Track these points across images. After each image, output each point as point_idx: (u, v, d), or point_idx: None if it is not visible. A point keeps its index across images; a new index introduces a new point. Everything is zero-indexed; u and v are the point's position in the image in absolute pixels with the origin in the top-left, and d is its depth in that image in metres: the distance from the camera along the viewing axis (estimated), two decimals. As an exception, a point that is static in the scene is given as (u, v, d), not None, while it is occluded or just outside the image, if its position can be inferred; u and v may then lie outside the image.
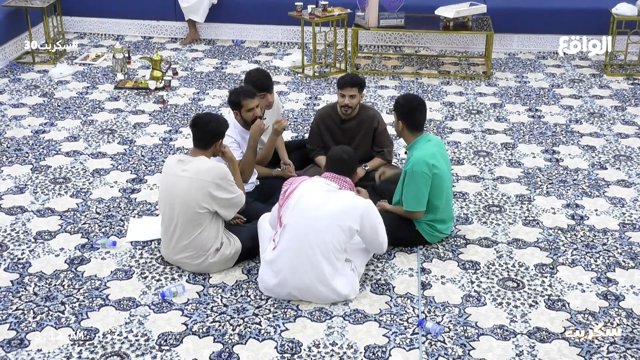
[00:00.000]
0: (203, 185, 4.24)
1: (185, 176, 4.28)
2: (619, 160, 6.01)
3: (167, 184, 4.38)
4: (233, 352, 3.79)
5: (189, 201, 4.26)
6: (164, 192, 4.40)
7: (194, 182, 4.25)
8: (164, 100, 7.14)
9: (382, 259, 4.60)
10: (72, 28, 9.31)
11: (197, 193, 4.25)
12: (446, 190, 4.62)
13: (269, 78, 5.18)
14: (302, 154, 5.59)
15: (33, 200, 5.27)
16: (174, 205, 4.31)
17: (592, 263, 4.59)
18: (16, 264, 4.51)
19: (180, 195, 4.28)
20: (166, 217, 4.40)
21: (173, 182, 4.32)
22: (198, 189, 4.24)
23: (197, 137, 4.37)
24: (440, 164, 4.56)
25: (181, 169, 4.31)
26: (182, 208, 4.29)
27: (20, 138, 6.30)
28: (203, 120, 4.36)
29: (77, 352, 3.77)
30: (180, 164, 4.33)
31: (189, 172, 4.28)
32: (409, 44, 8.94)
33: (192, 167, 4.29)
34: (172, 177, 4.34)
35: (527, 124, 6.73)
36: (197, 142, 4.38)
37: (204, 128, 4.34)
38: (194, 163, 4.31)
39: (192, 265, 4.40)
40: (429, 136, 4.68)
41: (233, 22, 9.08)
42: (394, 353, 3.80)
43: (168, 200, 4.35)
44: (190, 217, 4.29)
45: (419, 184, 4.49)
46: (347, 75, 5.29)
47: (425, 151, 4.53)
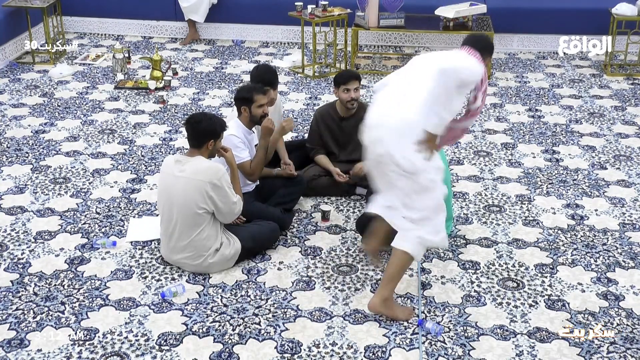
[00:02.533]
0: (200, 185, 4.24)
1: (182, 176, 4.28)
2: (619, 160, 6.01)
3: (165, 184, 4.38)
4: (233, 352, 3.79)
5: (187, 201, 4.26)
6: (163, 192, 4.40)
7: (191, 182, 4.25)
8: (164, 100, 7.14)
9: (382, 259, 4.59)
10: (72, 28, 9.31)
11: (194, 193, 4.24)
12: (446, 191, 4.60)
13: (275, 74, 5.23)
14: (302, 154, 5.59)
15: (33, 200, 5.27)
16: (173, 205, 4.31)
17: (592, 263, 4.59)
18: (16, 264, 4.51)
19: (178, 196, 4.28)
20: (165, 218, 4.40)
21: (171, 183, 4.32)
22: (195, 189, 4.24)
23: (190, 136, 4.38)
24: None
25: (178, 169, 4.31)
26: (180, 208, 4.28)
27: (20, 138, 6.30)
28: (194, 119, 4.36)
29: (77, 352, 3.77)
30: (178, 164, 4.33)
31: (186, 172, 4.28)
32: (409, 44, 8.94)
33: (189, 167, 4.29)
34: (170, 177, 4.34)
35: (527, 124, 6.73)
36: (190, 141, 4.39)
37: (195, 127, 4.33)
38: (191, 163, 4.30)
39: (192, 265, 4.40)
40: None
41: (233, 22, 9.08)
42: (394, 353, 3.80)
43: (166, 200, 4.35)
44: (189, 218, 4.28)
45: None
46: (346, 71, 5.37)
47: None
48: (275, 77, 5.20)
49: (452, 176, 5.65)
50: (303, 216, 5.12)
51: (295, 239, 4.84)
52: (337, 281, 4.39)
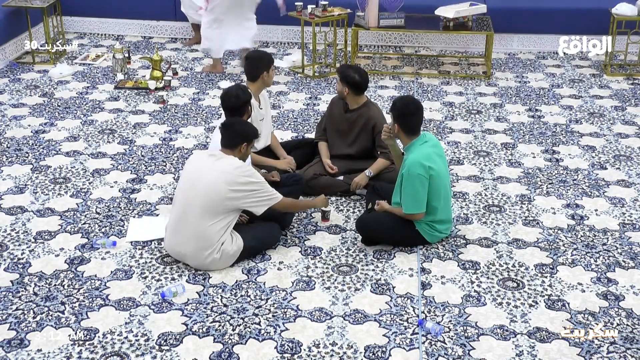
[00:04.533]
0: (231, 179, 4.32)
1: (214, 169, 4.37)
2: (619, 160, 6.01)
3: (192, 172, 4.47)
4: (233, 352, 3.79)
5: (213, 190, 4.32)
6: (187, 179, 4.47)
7: (222, 176, 4.33)
8: (164, 100, 7.14)
9: (382, 259, 4.60)
10: (72, 28, 9.31)
11: (223, 185, 4.32)
12: (444, 190, 4.62)
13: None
14: (302, 153, 5.65)
15: (33, 200, 5.27)
16: (196, 192, 4.36)
17: (592, 263, 4.59)
18: (16, 264, 4.51)
19: (206, 184, 4.34)
20: (181, 204, 4.43)
21: (200, 172, 4.41)
22: (226, 181, 4.32)
23: (224, 137, 4.50)
24: (437, 164, 4.55)
25: (212, 161, 4.43)
26: (202, 196, 4.34)
27: (20, 138, 6.30)
28: (229, 122, 4.57)
29: (77, 352, 3.77)
30: (212, 158, 4.45)
31: (220, 165, 4.38)
32: (409, 44, 8.94)
33: (224, 161, 4.41)
34: (201, 168, 4.44)
35: (527, 124, 6.73)
36: (223, 141, 4.51)
37: (230, 129, 4.50)
38: (226, 159, 4.42)
39: (195, 259, 4.40)
40: (426, 136, 4.67)
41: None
42: (394, 353, 3.80)
43: (190, 187, 4.41)
44: (207, 207, 4.33)
45: (416, 186, 4.50)
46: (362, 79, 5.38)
47: (421, 153, 4.54)
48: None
49: (452, 176, 5.65)
50: (303, 216, 5.12)
51: (295, 239, 4.85)
52: (337, 281, 4.39)
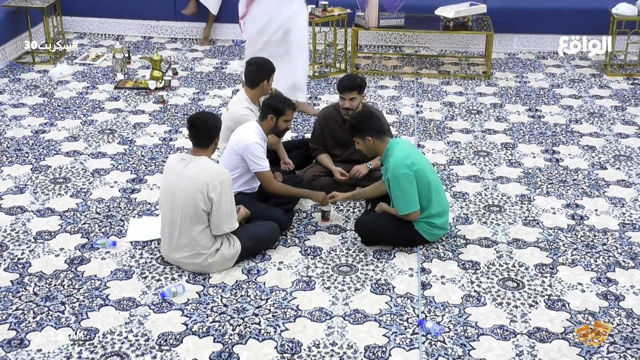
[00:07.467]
0: (201, 184, 4.25)
1: (186, 174, 4.29)
2: (619, 160, 6.01)
3: (168, 182, 4.39)
4: (233, 352, 3.79)
5: (189, 200, 4.26)
6: (165, 190, 4.40)
7: (194, 181, 4.26)
8: (164, 100, 7.14)
9: (382, 259, 4.60)
10: (72, 28, 9.30)
11: (196, 192, 4.25)
12: (433, 182, 4.61)
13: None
14: (302, 154, 5.62)
15: (33, 200, 5.27)
16: (175, 203, 4.31)
17: (592, 263, 4.59)
18: (16, 264, 4.51)
19: (180, 194, 4.28)
20: (167, 215, 4.40)
21: (174, 181, 4.33)
22: (197, 188, 4.25)
23: (195, 136, 4.35)
24: (417, 159, 4.59)
25: (183, 167, 4.32)
26: (182, 206, 4.29)
27: (20, 138, 6.30)
28: (201, 119, 4.35)
29: (77, 352, 3.77)
30: (182, 162, 4.34)
31: (190, 170, 4.29)
32: (409, 44, 8.94)
33: (194, 166, 4.30)
34: (174, 175, 4.34)
35: (527, 124, 6.73)
36: (195, 140, 4.37)
37: (203, 125, 4.32)
38: (196, 162, 4.32)
39: (192, 264, 4.40)
40: (396, 139, 4.73)
41: (233, 22, 9.04)
42: (394, 353, 3.80)
43: (169, 198, 4.35)
44: (191, 216, 4.29)
45: (404, 186, 4.50)
46: (346, 79, 5.27)
47: (399, 154, 4.55)
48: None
49: (452, 176, 5.66)
50: (303, 216, 5.12)
51: (295, 239, 4.85)
52: (337, 281, 4.39)
